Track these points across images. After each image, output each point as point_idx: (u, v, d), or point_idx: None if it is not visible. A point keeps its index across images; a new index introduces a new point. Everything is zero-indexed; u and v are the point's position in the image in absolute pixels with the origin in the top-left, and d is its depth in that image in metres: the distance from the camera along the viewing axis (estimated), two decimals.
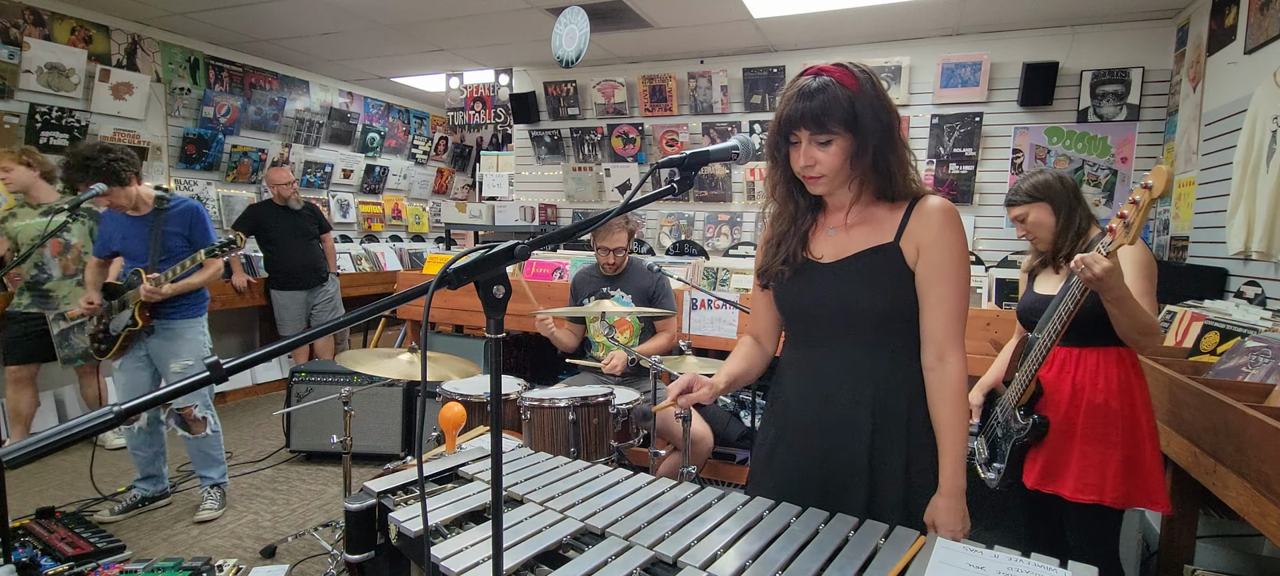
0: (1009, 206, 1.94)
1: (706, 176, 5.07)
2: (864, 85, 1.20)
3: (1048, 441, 1.78)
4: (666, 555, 1.08)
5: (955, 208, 1.27)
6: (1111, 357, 1.76)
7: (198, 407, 3.01)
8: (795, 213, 1.33)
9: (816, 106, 1.18)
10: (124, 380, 2.98)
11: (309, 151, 6.00)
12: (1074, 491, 1.71)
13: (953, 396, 1.23)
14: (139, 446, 3.06)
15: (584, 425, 2.38)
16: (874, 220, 1.29)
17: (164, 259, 2.86)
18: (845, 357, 1.30)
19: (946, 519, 1.21)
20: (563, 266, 4.24)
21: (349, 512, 1.36)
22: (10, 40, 4.00)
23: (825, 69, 1.21)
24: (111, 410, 0.68)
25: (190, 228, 2.94)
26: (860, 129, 1.19)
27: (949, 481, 1.22)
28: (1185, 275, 3.00)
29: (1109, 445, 1.71)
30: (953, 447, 1.23)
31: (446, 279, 0.79)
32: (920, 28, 4.30)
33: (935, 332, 1.24)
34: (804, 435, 1.34)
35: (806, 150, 1.22)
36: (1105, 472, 1.70)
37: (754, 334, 1.48)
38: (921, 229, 1.24)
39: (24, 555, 2.49)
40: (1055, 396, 1.79)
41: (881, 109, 1.21)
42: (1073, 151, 4.15)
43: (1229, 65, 3.05)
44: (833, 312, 1.29)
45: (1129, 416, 1.72)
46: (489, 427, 1.81)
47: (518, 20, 4.38)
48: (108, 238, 2.95)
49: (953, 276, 1.23)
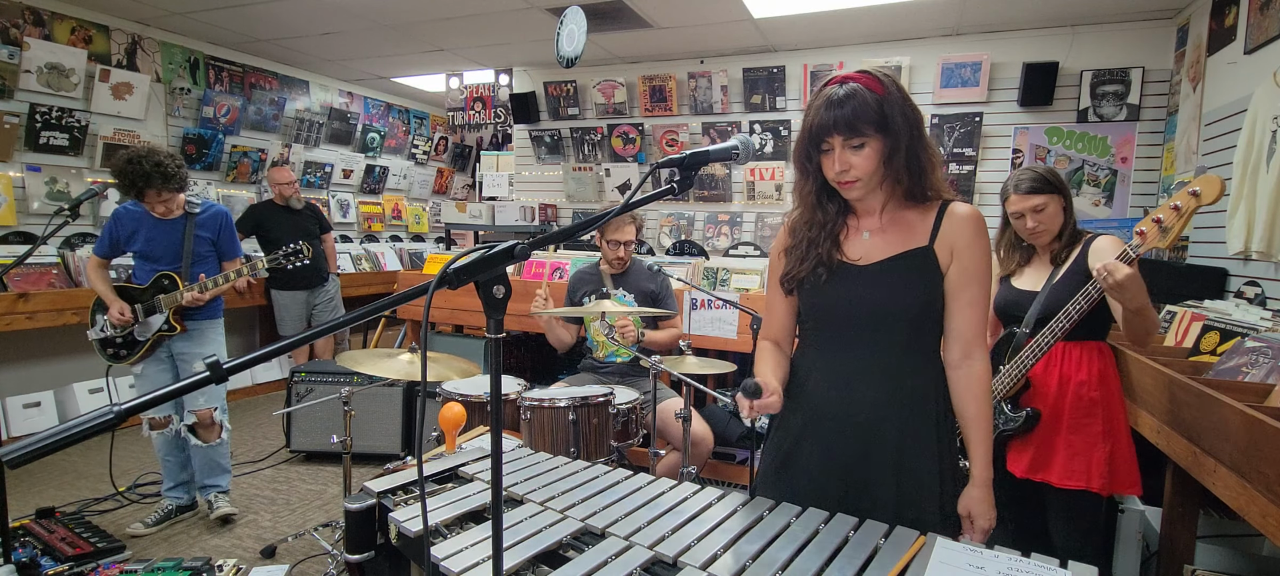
0: (1027, 194, 1.87)
1: (706, 176, 5.07)
2: (889, 88, 1.22)
3: (1035, 433, 1.85)
4: (666, 555, 1.08)
5: (982, 214, 1.31)
6: (1093, 351, 1.84)
7: (217, 410, 3.00)
8: (824, 219, 1.34)
9: (847, 112, 1.20)
10: (148, 383, 2.95)
11: (309, 151, 6.00)
12: (1061, 478, 1.79)
13: (981, 392, 1.29)
14: (169, 453, 3.02)
15: (584, 425, 2.38)
16: (906, 223, 1.31)
17: (192, 263, 2.88)
18: (876, 360, 1.30)
19: (982, 509, 1.27)
20: (563, 266, 4.24)
21: (349, 512, 1.37)
22: (10, 40, 4.00)
23: (850, 76, 1.23)
24: (111, 410, 0.68)
25: (218, 233, 2.96)
26: (891, 130, 1.21)
27: (981, 472, 1.29)
28: (1185, 275, 3.00)
29: (1093, 434, 1.79)
30: (983, 441, 1.29)
31: (446, 279, 0.79)
32: (920, 28, 4.30)
33: (964, 332, 1.29)
34: (829, 438, 1.33)
35: (841, 156, 1.23)
36: (1091, 460, 1.77)
37: (774, 339, 1.47)
38: (955, 233, 1.27)
39: (24, 555, 2.49)
40: (1043, 389, 1.86)
41: (908, 109, 1.23)
42: (1073, 151, 4.15)
43: (1229, 65, 3.05)
44: (865, 314, 1.30)
45: (1108, 407, 1.81)
46: (489, 427, 1.81)
47: (518, 20, 4.38)
48: (122, 237, 2.88)
49: (982, 279, 1.29)
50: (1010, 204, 1.93)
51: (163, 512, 3.01)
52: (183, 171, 2.79)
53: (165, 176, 2.70)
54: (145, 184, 2.69)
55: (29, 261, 3.85)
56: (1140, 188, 4.05)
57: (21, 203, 4.14)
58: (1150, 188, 4.04)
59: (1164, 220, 1.47)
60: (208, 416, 2.97)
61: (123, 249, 2.92)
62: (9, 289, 3.73)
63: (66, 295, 3.94)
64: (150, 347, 2.89)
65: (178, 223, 2.88)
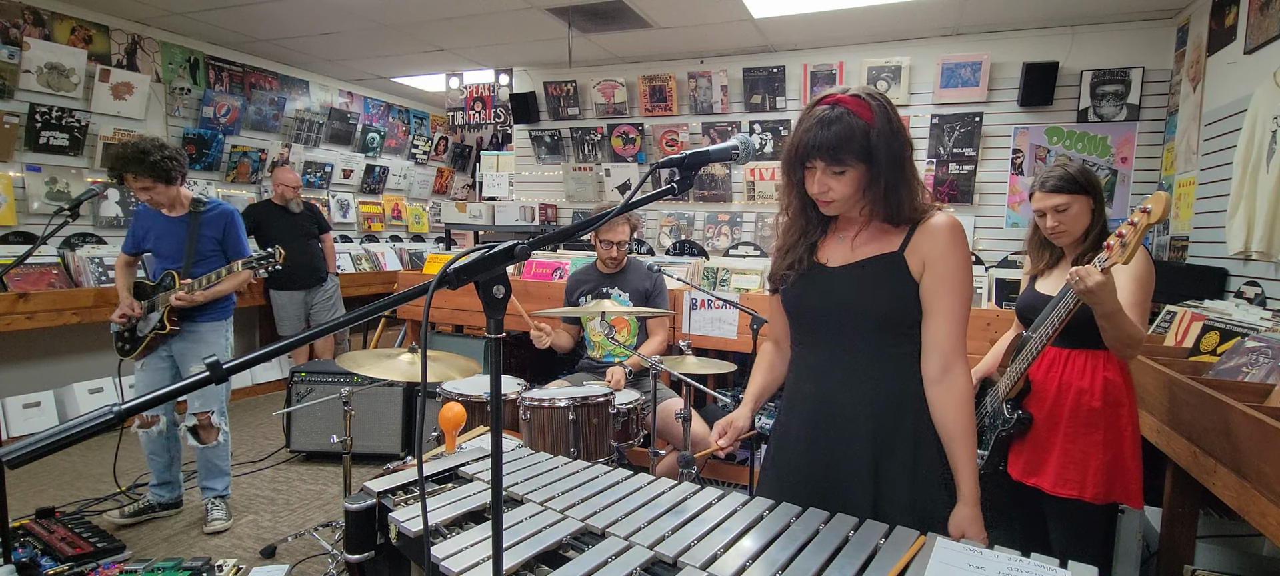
0: (1051, 193, 1.79)
1: (706, 176, 5.07)
2: (879, 117, 1.22)
3: (1031, 436, 1.82)
4: (666, 555, 1.08)
5: (960, 223, 1.30)
6: (1099, 359, 1.78)
7: (215, 414, 2.98)
8: (806, 226, 1.38)
9: (832, 137, 1.21)
10: (145, 380, 2.95)
11: (309, 151, 6.00)
12: (1053, 485, 1.76)
13: (962, 406, 1.26)
14: (156, 451, 3.02)
15: (584, 425, 2.38)
16: (881, 232, 1.32)
17: (196, 261, 2.87)
18: (846, 358, 1.33)
19: (974, 528, 1.23)
20: (563, 266, 4.24)
21: (349, 512, 1.37)
22: (10, 40, 4.00)
23: (842, 99, 1.23)
24: (110, 409, 0.68)
25: (224, 232, 2.94)
26: (873, 160, 1.22)
27: (970, 491, 1.25)
28: (1185, 275, 3.00)
29: (1091, 443, 1.74)
30: (967, 458, 1.25)
31: (446, 279, 0.79)
32: (920, 28, 4.30)
33: (941, 343, 1.27)
34: (808, 435, 1.36)
35: (821, 178, 1.26)
36: (1087, 469, 1.73)
37: (773, 339, 1.55)
38: (927, 243, 1.27)
39: (24, 555, 2.49)
40: (1042, 393, 1.83)
41: (894, 140, 1.23)
42: (1073, 151, 4.15)
43: (1229, 65, 3.05)
44: (834, 313, 1.33)
45: (1112, 417, 1.74)
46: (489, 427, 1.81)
47: (518, 20, 4.38)
48: (140, 235, 2.93)
49: (958, 289, 1.27)
50: (1034, 200, 1.86)
51: (142, 505, 3.03)
52: (169, 162, 2.72)
53: (140, 161, 2.66)
54: (123, 168, 2.68)
55: (29, 261, 3.85)
56: (1140, 188, 4.05)
57: (21, 202, 4.14)
58: (1150, 188, 4.04)
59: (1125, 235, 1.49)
60: (206, 419, 2.96)
61: (143, 246, 2.95)
62: (9, 289, 3.72)
63: (66, 295, 3.94)
64: (149, 345, 2.88)
65: (183, 220, 2.88)
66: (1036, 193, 1.85)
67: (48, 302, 3.86)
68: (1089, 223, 1.80)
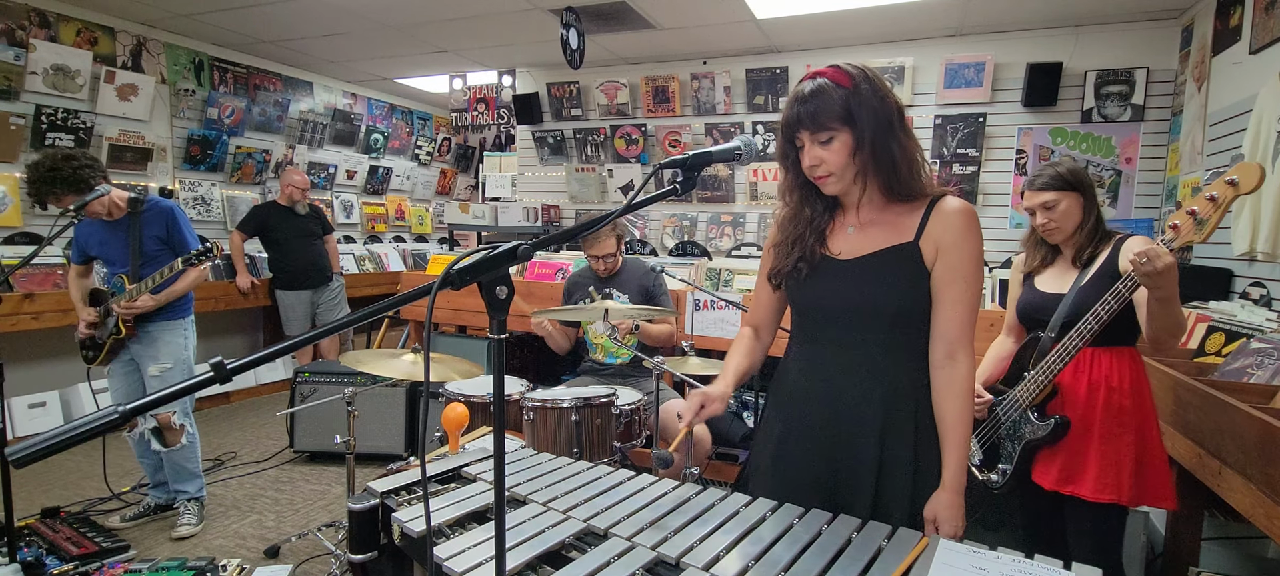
0: (1039, 190, 1.82)
1: (709, 177, 5.07)
2: (857, 81, 1.22)
3: (1064, 442, 1.75)
4: (669, 556, 1.08)
5: (974, 209, 1.28)
6: (1125, 357, 1.75)
7: (176, 414, 2.94)
8: (811, 215, 1.35)
9: (812, 107, 1.21)
10: (116, 384, 2.95)
11: (313, 152, 6.01)
12: (1094, 491, 1.69)
13: (962, 394, 1.25)
14: (144, 454, 3.02)
15: (587, 426, 2.38)
16: (892, 219, 1.30)
17: (143, 263, 2.81)
18: (858, 354, 1.30)
19: (949, 514, 1.21)
20: (565, 267, 4.25)
21: (352, 513, 1.37)
22: (16, 42, 4.02)
23: (819, 72, 1.24)
24: (115, 410, 0.68)
25: (167, 229, 2.86)
26: (856, 121, 1.21)
27: (953, 477, 1.23)
28: (1190, 276, 2.99)
29: (1124, 444, 1.70)
30: (958, 445, 1.24)
31: (450, 280, 0.79)
32: (924, 28, 4.29)
33: (948, 331, 1.26)
34: (813, 431, 1.34)
35: (810, 151, 1.25)
36: (1122, 472, 1.69)
37: (754, 325, 1.51)
38: (941, 229, 1.25)
39: (30, 554, 2.50)
40: (1071, 396, 1.77)
41: (877, 102, 1.22)
42: (1077, 152, 4.14)
43: (1234, 65, 3.04)
44: (849, 310, 1.30)
45: (1140, 416, 1.71)
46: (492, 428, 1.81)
47: (521, 21, 4.39)
48: (84, 243, 2.88)
49: (969, 278, 1.25)
50: (1025, 198, 1.88)
51: (141, 509, 3.04)
52: (83, 171, 2.62)
53: (54, 180, 2.57)
54: (40, 194, 2.60)
55: (35, 262, 3.87)
56: (1145, 188, 4.04)
57: (27, 203, 4.16)
58: (1155, 188, 4.02)
59: (1199, 212, 1.37)
60: (167, 420, 2.91)
61: (90, 254, 2.91)
62: (15, 289, 3.74)
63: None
64: (110, 350, 2.87)
65: (123, 223, 2.81)
66: (1027, 191, 1.87)
67: (53, 303, 3.88)
68: (1081, 219, 1.81)
